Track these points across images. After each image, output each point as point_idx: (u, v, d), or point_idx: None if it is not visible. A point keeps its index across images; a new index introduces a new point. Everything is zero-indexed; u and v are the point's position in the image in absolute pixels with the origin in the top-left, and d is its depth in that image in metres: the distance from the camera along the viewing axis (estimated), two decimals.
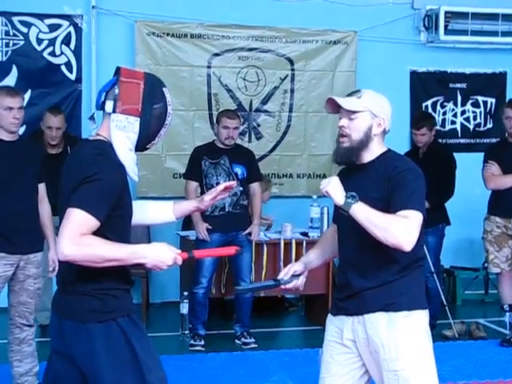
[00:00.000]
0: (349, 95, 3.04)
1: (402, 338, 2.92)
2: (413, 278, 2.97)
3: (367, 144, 2.97)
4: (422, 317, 2.99)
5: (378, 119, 2.98)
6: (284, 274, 3.12)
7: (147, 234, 7.19)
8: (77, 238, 2.49)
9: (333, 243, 3.19)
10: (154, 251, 2.62)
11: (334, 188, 2.85)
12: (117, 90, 2.69)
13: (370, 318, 2.95)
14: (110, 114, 2.71)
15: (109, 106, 2.70)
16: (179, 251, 2.70)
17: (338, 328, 3.05)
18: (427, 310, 3.03)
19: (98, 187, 2.55)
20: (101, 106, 2.74)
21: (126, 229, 2.75)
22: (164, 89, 2.80)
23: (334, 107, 3.03)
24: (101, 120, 2.78)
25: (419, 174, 2.95)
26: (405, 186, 2.85)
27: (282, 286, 3.09)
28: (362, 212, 2.79)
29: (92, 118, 2.86)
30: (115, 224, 2.65)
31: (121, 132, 2.70)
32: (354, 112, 2.95)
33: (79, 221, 2.51)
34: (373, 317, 2.94)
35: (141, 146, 2.78)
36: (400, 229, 2.77)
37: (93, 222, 2.53)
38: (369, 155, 2.99)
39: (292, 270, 3.12)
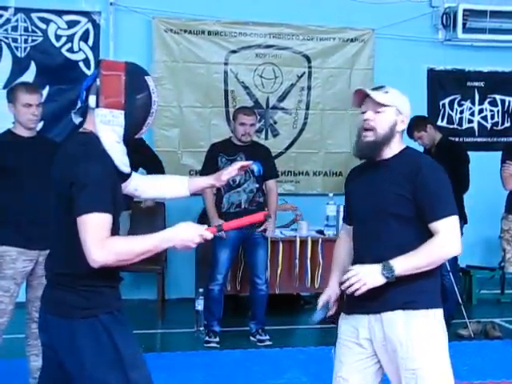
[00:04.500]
0: (374, 90, 3.03)
1: (421, 336, 2.92)
2: (431, 277, 2.97)
3: (390, 140, 2.99)
4: (439, 315, 2.99)
5: (402, 116, 3.01)
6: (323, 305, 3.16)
7: (163, 228, 7.20)
8: (102, 242, 2.50)
9: (348, 259, 3.18)
10: (178, 232, 2.65)
11: (369, 280, 2.85)
12: (98, 84, 2.65)
13: (388, 316, 2.94)
14: (93, 108, 2.67)
15: (92, 100, 2.67)
16: (205, 226, 2.70)
17: (354, 327, 3.04)
18: (442, 309, 3.04)
19: (96, 185, 2.54)
20: (84, 101, 2.71)
21: (117, 222, 2.75)
22: (147, 77, 2.74)
23: (360, 100, 3.03)
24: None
25: (441, 169, 2.99)
26: (431, 191, 2.89)
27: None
28: (405, 269, 2.85)
29: (77, 112, 2.83)
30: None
31: (106, 126, 2.66)
32: (383, 106, 2.96)
33: (97, 223, 2.52)
34: (391, 315, 2.94)
35: (130, 136, 2.74)
36: (442, 250, 2.89)
37: (108, 219, 2.55)
38: (389, 151, 3.01)
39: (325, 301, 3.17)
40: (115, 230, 2.70)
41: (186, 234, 2.65)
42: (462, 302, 6.40)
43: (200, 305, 6.13)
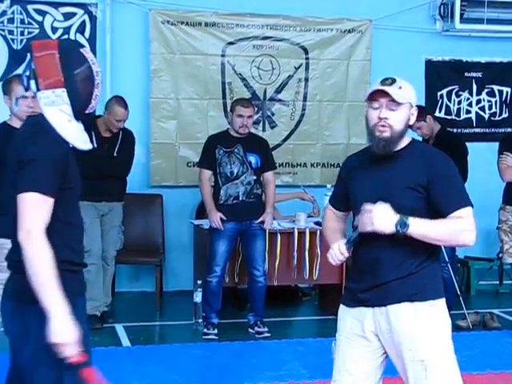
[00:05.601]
0: (384, 83, 2.93)
1: (429, 327, 2.93)
2: (434, 268, 3.00)
3: (404, 134, 2.99)
4: (444, 305, 3.01)
5: (413, 109, 3.00)
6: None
7: (161, 223, 7.21)
8: (39, 227, 2.48)
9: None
10: (62, 325, 2.50)
11: (382, 222, 2.82)
12: (33, 68, 2.61)
13: (395, 308, 2.94)
14: (35, 93, 2.64)
15: (33, 85, 2.63)
16: (80, 350, 2.54)
17: (358, 320, 3.03)
18: (444, 298, 3.05)
19: (40, 165, 2.52)
20: (26, 87, 2.68)
21: (75, 202, 2.72)
22: (82, 50, 2.67)
23: (372, 95, 2.95)
24: None
25: (452, 161, 3.02)
26: (451, 182, 2.94)
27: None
28: (418, 232, 2.84)
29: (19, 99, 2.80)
30: (64, 198, 2.61)
31: (51, 107, 2.63)
32: (399, 104, 2.92)
33: (37, 203, 2.50)
34: (397, 307, 2.94)
35: (79, 112, 2.67)
36: (460, 234, 2.89)
37: (48, 201, 2.52)
38: (401, 143, 3.00)
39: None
40: (74, 212, 2.69)
41: (63, 334, 2.50)
42: (460, 293, 6.40)
43: (198, 297, 6.14)
